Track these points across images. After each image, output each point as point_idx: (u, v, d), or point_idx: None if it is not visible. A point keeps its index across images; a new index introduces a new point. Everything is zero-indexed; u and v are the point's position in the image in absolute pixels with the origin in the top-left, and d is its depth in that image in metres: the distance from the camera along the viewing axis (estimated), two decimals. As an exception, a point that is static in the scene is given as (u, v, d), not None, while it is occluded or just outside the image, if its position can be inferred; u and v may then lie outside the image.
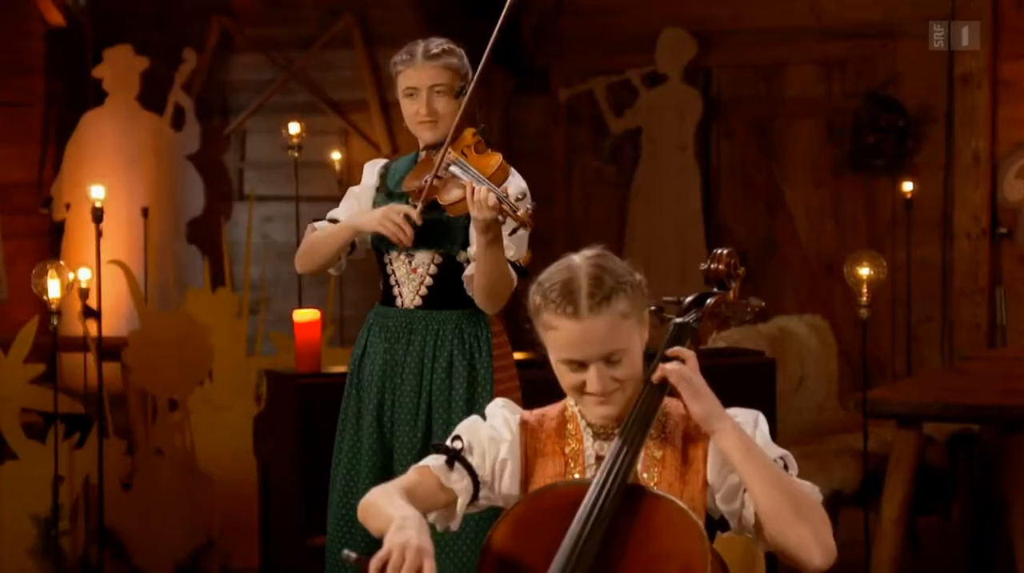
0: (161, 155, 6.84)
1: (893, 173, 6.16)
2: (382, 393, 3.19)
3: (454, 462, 2.13)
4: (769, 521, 2.01)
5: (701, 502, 2.10)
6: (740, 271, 2.27)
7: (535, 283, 2.12)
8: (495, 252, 2.98)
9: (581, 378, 2.08)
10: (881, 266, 4.23)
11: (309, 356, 3.94)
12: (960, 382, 4.72)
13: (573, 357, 2.07)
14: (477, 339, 3.19)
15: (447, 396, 3.15)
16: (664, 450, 2.13)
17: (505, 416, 2.19)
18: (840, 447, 4.93)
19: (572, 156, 6.88)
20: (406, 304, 3.19)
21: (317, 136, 6.47)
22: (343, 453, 3.21)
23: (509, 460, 2.16)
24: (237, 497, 4.68)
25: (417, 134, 3.19)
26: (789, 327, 5.40)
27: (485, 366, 3.17)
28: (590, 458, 2.15)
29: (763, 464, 2.02)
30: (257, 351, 5.30)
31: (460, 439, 2.16)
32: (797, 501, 2.01)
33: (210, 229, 6.71)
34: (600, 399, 2.09)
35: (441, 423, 3.14)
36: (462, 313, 3.18)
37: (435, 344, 3.17)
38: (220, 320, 4.94)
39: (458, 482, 2.13)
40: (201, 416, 4.83)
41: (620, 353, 2.06)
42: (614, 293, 2.05)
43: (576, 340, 2.05)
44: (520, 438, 2.17)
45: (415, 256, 3.17)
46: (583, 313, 2.04)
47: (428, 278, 3.17)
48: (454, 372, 3.16)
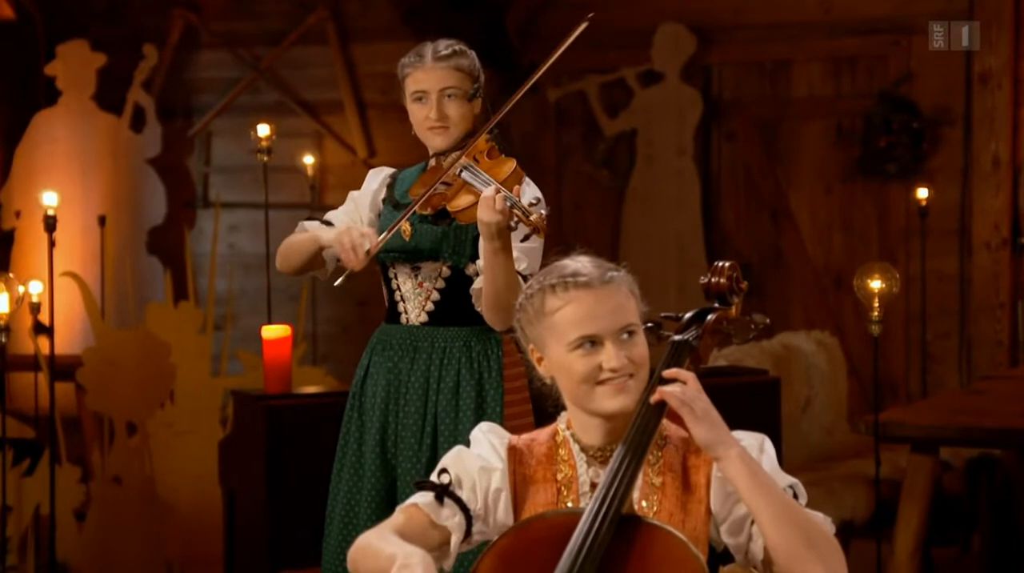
0: (119, 159, 6.83)
1: (907, 179, 6.18)
2: (385, 416, 3.18)
3: (443, 497, 2.13)
4: (779, 556, 2.01)
5: (704, 533, 2.10)
6: (743, 285, 2.27)
7: (523, 292, 2.13)
8: (503, 261, 2.98)
9: (596, 360, 2.09)
10: (894, 279, 4.24)
11: (279, 376, 3.94)
12: (979, 403, 4.72)
13: (588, 331, 2.10)
14: (487, 358, 3.18)
15: (453, 418, 3.15)
16: (664, 477, 2.13)
17: (492, 442, 2.19)
18: (850, 474, 4.93)
19: (562, 160, 6.89)
20: (411, 320, 3.19)
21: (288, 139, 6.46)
22: (343, 481, 3.20)
23: (503, 490, 2.16)
24: (200, 528, 4.67)
25: (426, 141, 3.19)
26: (795, 344, 5.41)
27: (495, 387, 3.17)
28: (584, 485, 2.15)
29: (773, 494, 2.02)
30: (223, 370, 5.29)
31: (447, 472, 2.16)
32: (809, 534, 2.01)
33: (172, 239, 6.69)
34: (618, 385, 2.09)
35: (447, 447, 3.08)
36: (471, 330, 3.17)
37: (441, 363, 3.16)
38: (183, 337, 4.94)
39: (450, 519, 2.13)
40: (162, 441, 4.81)
41: (634, 326, 2.12)
42: (615, 272, 2.15)
43: (591, 309, 2.11)
44: (509, 465, 2.17)
45: (421, 269, 3.17)
46: (595, 283, 2.12)
47: (435, 293, 3.17)
48: (461, 393, 3.16)
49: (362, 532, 3.10)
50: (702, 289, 2.28)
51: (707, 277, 2.27)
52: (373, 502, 3.16)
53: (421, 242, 3.15)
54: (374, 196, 3.26)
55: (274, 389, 3.92)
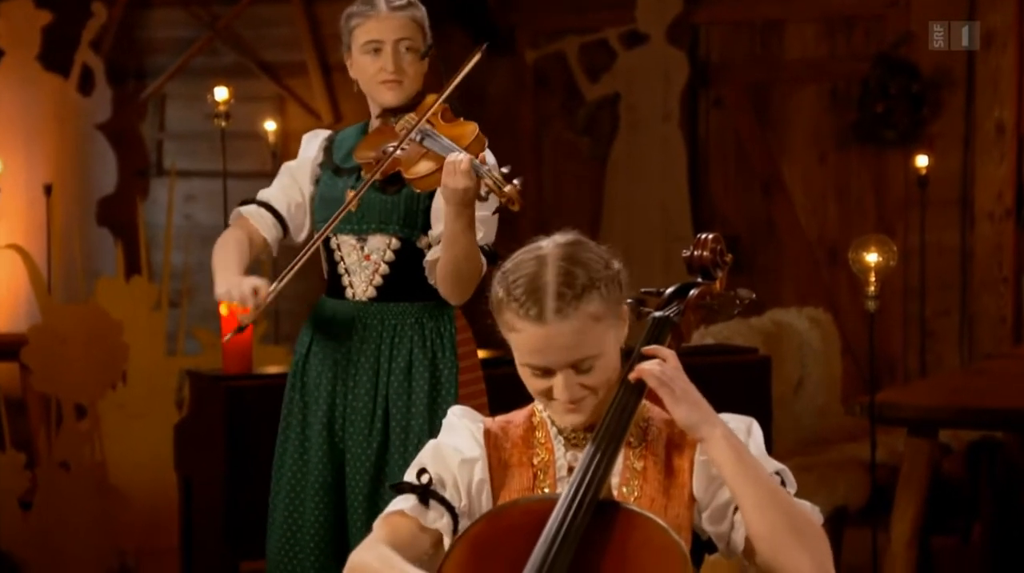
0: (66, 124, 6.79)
1: (905, 146, 6.20)
2: (332, 397, 3.18)
3: (427, 499, 2.13)
4: (762, 544, 2.02)
5: (687, 520, 2.10)
6: (727, 258, 2.28)
7: (499, 273, 2.12)
8: (465, 230, 2.98)
9: (547, 384, 2.09)
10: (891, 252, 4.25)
11: (238, 355, 3.94)
12: (981, 383, 4.75)
13: (537, 364, 2.08)
14: (440, 336, 3.19)
15: (406, 400, 3.16)
16: (646, 460, 2.13)
17: (469, 429, 2.19)
18: (844, 458, 4.95)
19: (541, 127, 6.89)
20: (357, 296, 3.18)
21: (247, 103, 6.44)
22: (286, 467, 3.20)
23: (486, 480, 2.16)
24: (155, 517, 4.67)
25: (376, 96, 3.18)
26: (786, 321, 5.42)
27: (449, 366, 3.17)
28: (562, 470, 2.15)
29: (758, 479, 2.03)
30: (178, 349, 5.29)
31: (426, 471, 2.15)
32: (795, 523, 2.02)
33: (124, 209, 6.67)
34: (569, 407, 2.09)
35: (399, 431, 3.14)
36: (423, 306, 3.18)
37: (392, 341, 3.17)
38: (135, 314, 4.93)
39: (438, 521, 2.13)
40: (113, 424, 4.81)
41: (591, 360, 2.06)
42: (586, 293, 2.05)
43: (540, 347, 2.06)
44: (486, 450, 2.17)
45: (368, 241, 3.16)
46: (548, 317, 2.04)
47: (383, 266, 3.17)
48: (414, 373, 3.16)
49: (308, 522, 3.15)
50: (684, 262, 2.28)
51: (690, 250, 2.27)
52: (320, 490, 3.16)
53: (369, 212, 3.14)
54: (312, 163, 3.25)
55: (233, 369, 3.92)
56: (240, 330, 3.15)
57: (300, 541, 3.18)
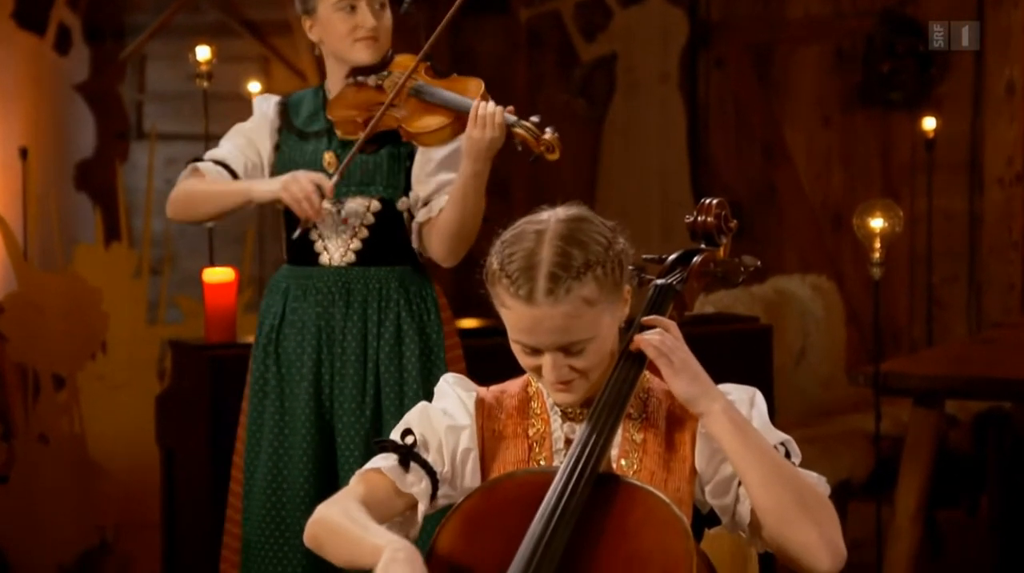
0: (42, 85, 6.76)
1: (912, 108, 6.19)
2: (317, 368, 3.18)
3: (409, 461, 2.12)
4: (768, 519, 2.02)
5: (688, 494, 2.10)
6: (732, 224, 2.28)
7: (498, 241, 2.11)
8: (478, 186, 3.01)
9: (537, 362, 2.08)
10: (897, 217, 4.25)
11: (222, 324, 3.94)
12: (989, 353, 4.76)
13: (526, 342, 2.07)
14: (424, 300, 3.20)
15: (398, 366, 3.16)
16: (645, 433, 2.13)
17: (460, 396, 2.19)
18: (848, 430, 4.97)
19: (534, 88, 6.86)
20: (335, 261, 3.18)
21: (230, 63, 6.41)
22: (264, 441, 3.19)
23: (472, 449, 2.16)
24: (136, 491, 4.67)
25: (349, 56, 3.17)
26: (789, 289, 5.43)
27: (436, 332, 3.19)
28: (558, 442, 2.15)
29: (761, 452, 2.03)
30: (160, 318, 5.28)
31: (411, 433, 2.15)
32: (801, 495, 2.02)
33: (103, 173, 6.65)
34: (558, 387, 2.09)
35: (393, 398, 3.15)
36: (404, 270, 3.19)
37: (379, 307, 3.17)
38: (115, 281, 4.92)
39: (416, 485, 2.13)
40: (93, 395, 4.81)
41: (581, 343, 2.06)
42: (581, 276, 2.03)
43: (529, 327, 2.05)
44: (477, 420, 2.17)
45: (346, 204, 3.16)
46: (538, 298, 2.03)
47: (363, 230, 3.17)
48: (404, 338, 3.17)
49: (294, 499, 3.14)
50: (687, 228, 2.28)
51: (693, 215, 2.27)
52: (309, 465, 3.15)
53: (348, 174, 3.14)
54: (270, 126, 3.25)
55: (217, 338, 3.93)
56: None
57: (285, 520, 3.17)
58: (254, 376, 3.23)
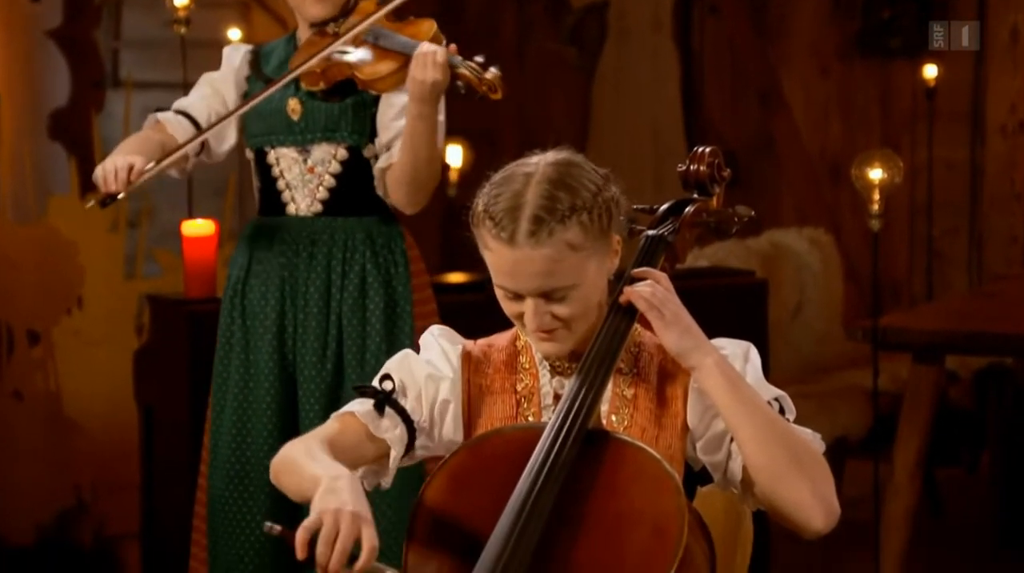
0: (13, 31, 6.72)
1: (912, 56, 6.18)
2: (281, 318, 3.22)
3: (384, 407, 2.13)
4: (760, 476, 2.02)
5: (679, 450, 2.11)
6: (725, 173, 2.28)
7: (486, 183, 2.10)
8: (428, 130, 3.03)
9: (520, 309, 2.08)
10: (897, 168, 4.25)
11: (202, 278, 3.93)
12: (990, 307, 4.76)
13: (508, 286, 2.07)
14: (391, 252, 3.23)
15: (360, 319, 3.19)
16: (636, 388, 2.13)
17: (444, 348, 2.19)
18: (845, 386, 4.98)
19: (524, 36, 6.84)
20: (300, 211, 3.22)
21: (209, 9, 6.37)
22: (229, 395, 3.24)
23: (452, 401, 2.16)
24: (114, 450, 4.68)
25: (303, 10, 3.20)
26: (785, 242, 5.43)
27: (403, 284, 3.22)
28: (547, 397, 2.15)
29: (754, 407, 2.03)
30: (138, 272, 5.27)
31: (390, 378, 2.15)
32: (795, 452, 2.02)
33: (77, 122, 6.62)
34: (540, 335, 2.09)
35: (355, 352, 3.18)
36: (372, 220, 3.22)
37: (344, 257, 3.20)
38: (91, 234, 4.91)
39: (390, 431, 2.13)
40: (69, 352, 4.81)
41: (564, 290, 2.05)
42: (565, 220, 2.03)
43: (510, 270, 2.05)
44: (463, 374, 2.17)
45: (312, 152, 3.19)
46: (520, 240, 2.03)
47: (329, 178, 3.20)
48: (368, 290, 3.20)
49: (257, 453, 3.19)
50: (679, 178, 2.28)
51: (685, 164, 2.27)
52: (272, 418, 3.20)
53: (313, 122, 3.17)
54: (236, 75, 3.29)
55: (196, 293, 3.92)
56: (103, 202, 3.15)
57: (249, 474, 3.22)
58: (221, 328, 3.28)
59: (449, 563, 1.93)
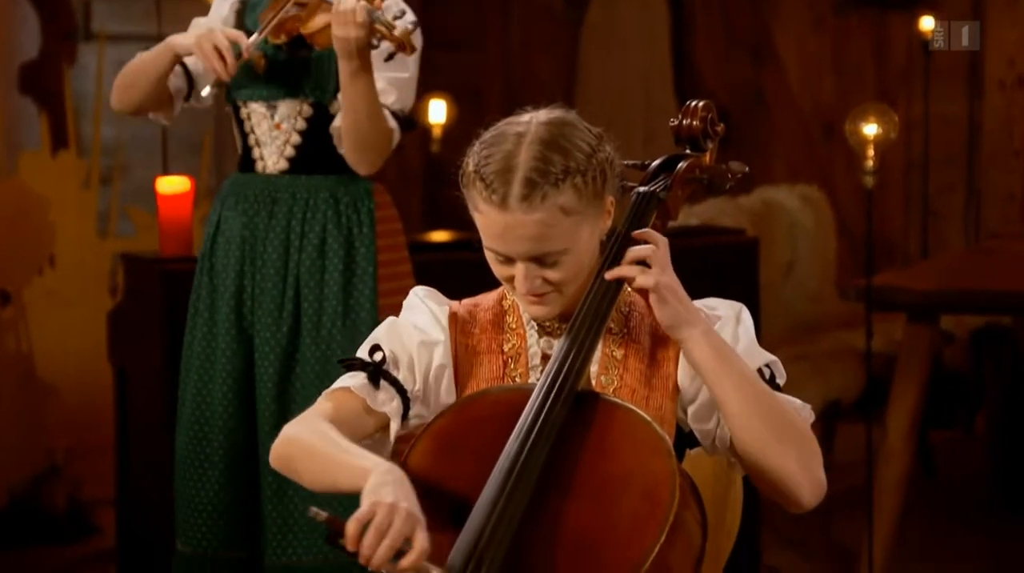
0: (-18, -20, 6.68)
1: (908, 8, 6.17)
2: (240, 279, 3.25)
3: (379, 379, 2.11)
4: (747, 449, 2.03)
5: (670, 412, 2.10)
6: (718, 128, 2.26)
7: (477, 142, 2.09)
8: (363, 88, 3.03)
9: (510, 272, 2.08)
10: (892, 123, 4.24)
11: (177, 236, 3.93)
12: (987, 265, 4.77)
13: (498, 250, 2.06)
14: (356, 211, 3.24)
15: (318, 281, 3.21)
16: (627, 349, 2.13)
17: (432, 310, 2.18)
18: (838, 347, 4.99)
19: (510, -14, 6.82)
20: (268, 169, 3.25)
21: (184, -42, 6.34)
22: (194, 355, 3.27)
23: (447, 366, 2.15)
24: (87, 411, 4.68)
25: None
26: (777, 200, 5.43)
27: (366, 245, 3.23)
28: (535, 358, 2.15)
29: (742, 380, 2.03)
30: (111, 231, 5.25)
31: (380, 349, 2.14)
32: (782, 426, 2.03)
33: (48, 76, 6.58)
34: (531, 299, 2.09)
35: (311, 314, 3.21)
36: (338, 179, 3.24)
37: (304, 217, 3.22)
38: (63, 191, 4.90)
39: (387, 404, 2.12)
40: (41, 312, 4.80)
41: (555, 255, 2.04)
42: (559, 184, 2.01)
43: (500, 233, 2.04)
44: (451, 335, 2.16)
45: (278, 108, 3.22)
46: (512, 204, 2.01)
47: (295, 135, 3.22)
48: (327, 251, 3.21)
49: (216, 412, 3.23)
50: (671, 133, 2.27)
51: (677, 119, 2.25)
52: (228, 378, 3.24)
53: (277, 76, 3.19)
54: (221, 24, 3.29)
55: (171, 251, 3.91)
56: (219, 85, 3.17)
57: (208, 434, 3.26)
58: (193, 286, 3.32)
59: (435, 528, 1.92)
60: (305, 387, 3.20)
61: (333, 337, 3.20)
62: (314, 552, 3.20)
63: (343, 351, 3.18)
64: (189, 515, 3.28)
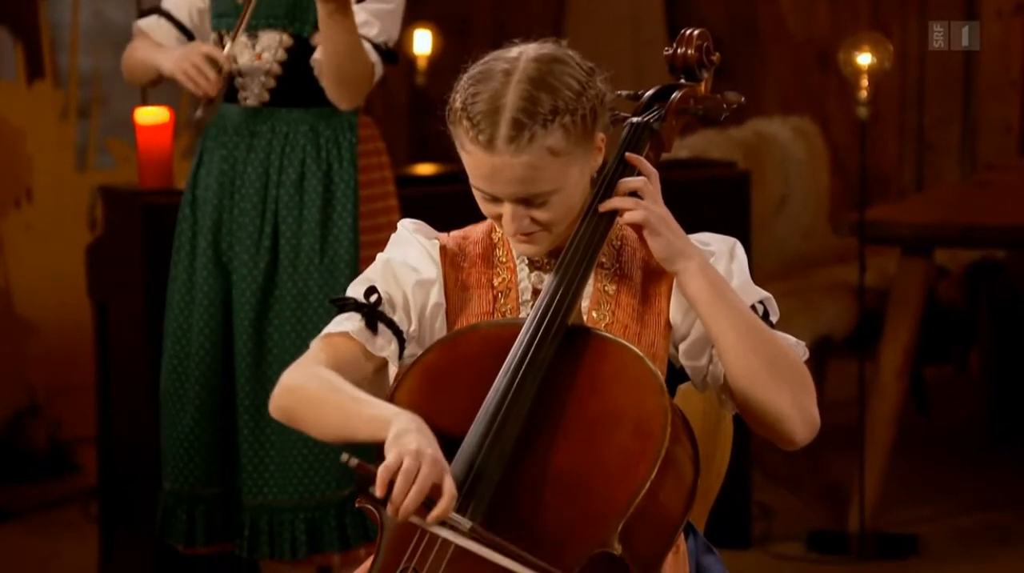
0: (-47, -96, 6.61)
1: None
2: (219, 213, 3.26)
3: (376, 322, 2.10)
4: (740, 384, 2.03)
5: (663, 348, 2.11)
6: (714, 57, 2.26)
7: (464, 76, 2.07)
8: (341, 22, 3.03)
9: (497, 210, 2.07)
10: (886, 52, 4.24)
11: (157, 168, 3.91)
12: (982, 198, 4.78)
13: (484, 189, 2.06)
14: (337, 145, 3.24)
15: (296, 216, 3.22)
16: (619, 284, 2.13)
17: (423, 246, 2.17)
18: (830, 282, 4.99)
19: (495, -88, 6.77)
20: (250, 101, 3.25)
21: None
22: (176, 291, 3.30)
23: (443, 304, 2.15)
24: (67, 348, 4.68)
25: None
26: (769, 132, 5.42)
27: (346, 180, 3.23)
28: (525, 293, 2.15)
29: (737, 314, 2.03)
30: (90, 164, 5.24)
31: (375, 290, 2.13)
32: (776, 362, 2.03)
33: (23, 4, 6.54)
34: (520, 238, 2.09)
35: (288, 250, 3.22)
36: (319, 112, 3.24)
37: (283, 151, 3.23)
38: (40, 123, 4.88)
39: (386, 347, 2.11)
40: (18, 246, 4.79)
41: (544, 196, 2.04)
42: (547, 124, 2.00)
43: (487, 174, 2.03)
44: (443, 270, 2.16)
45: (259, 38, 3.21)
46: (499, 146, 2.00)
47: (276, 66, 3.22)
48: (306, 186, 3.22)
49: (194, 348, 3.26)
50: (666, 62, 2.26)
51: (672, 48, 2.24)
52: (206, 314, 3.26)
53: (258, 6, 3.17)
54: None
55: (151, 184, 3.90)
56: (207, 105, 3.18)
57: (187, 369, 3.29)
58: (178, 219, 3.34)
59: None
60: (283, 324, 3.21)
61: (311, 274, 3.21)
62: (289, 491, 3.22)
63: (320, 289, 3.19)
64: (168, 450, 3.32)
